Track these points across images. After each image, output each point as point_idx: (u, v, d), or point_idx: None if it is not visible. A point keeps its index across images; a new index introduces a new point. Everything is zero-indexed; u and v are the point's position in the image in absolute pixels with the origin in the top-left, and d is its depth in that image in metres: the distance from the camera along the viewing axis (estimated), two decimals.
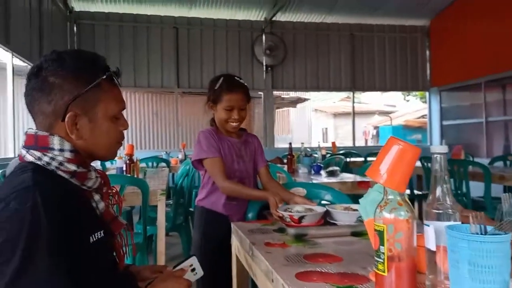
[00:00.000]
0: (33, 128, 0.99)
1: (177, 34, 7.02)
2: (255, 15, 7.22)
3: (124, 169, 3.21)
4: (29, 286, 0.77)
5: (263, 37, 7.22)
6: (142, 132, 8.80)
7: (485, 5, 6.43)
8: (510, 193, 0.80)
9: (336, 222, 1.47)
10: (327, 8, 7.07)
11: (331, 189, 2.04)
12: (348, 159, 5.46)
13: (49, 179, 0.90)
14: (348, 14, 7.32)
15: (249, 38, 7.28)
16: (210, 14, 7.05)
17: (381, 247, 0.81)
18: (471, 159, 5.06)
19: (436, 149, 0.85)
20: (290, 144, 4.18)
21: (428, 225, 0.84)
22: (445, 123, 7.73)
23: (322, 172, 3.82)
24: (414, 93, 15.76)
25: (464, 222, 0.81)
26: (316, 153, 4.67)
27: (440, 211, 0.83)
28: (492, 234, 0.73)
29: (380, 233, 0.82)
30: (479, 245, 0.69)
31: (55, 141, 0.94)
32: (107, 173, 2.09)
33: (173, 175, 5.45)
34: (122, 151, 3.48)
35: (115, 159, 2.60)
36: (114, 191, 1.12)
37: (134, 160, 3.33)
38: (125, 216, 3.51)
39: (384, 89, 8.20)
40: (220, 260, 1.82)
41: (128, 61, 6.74)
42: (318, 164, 3.94)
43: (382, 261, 0.81)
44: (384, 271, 0.81)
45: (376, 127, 17.38)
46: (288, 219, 1.48)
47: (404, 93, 16.67)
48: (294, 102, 13.51)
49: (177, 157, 5.79)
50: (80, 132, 0.97)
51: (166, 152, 6.30)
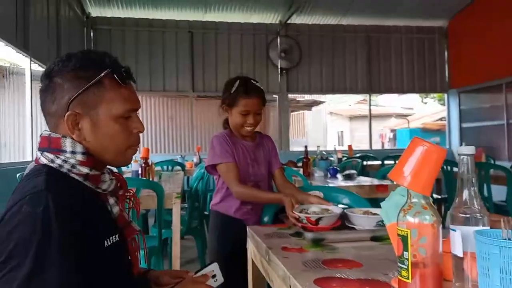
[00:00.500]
0: (48, 130, 0.98)
1: (192, 38, 7.06)
2: (270, 18, 7.21)
3: (139, 172, 3.23)
4: None
5: (278, 40, 7.20)
6: (157, 135, 8.87)
7: (505, 5, 6.28)
8: None
9: (355, 226, 1.43)
10: (342, 10, 7.01)
11: (349, 193, 2.00)
12: (364, 163, 5.39)
13: (62, 182, 0.89)
14: (364, 15, 7.25)
15: (264, 41, 7.27)
16: (225, 18, 7.07)
17: (404, 252, 0.79)
18: (492, 162, 4.95)
19: (463, 150, 0.81)
20: (305, 147, 4.14)
21: (454, 230, 0.80)
22: (464, 125, 7.58)
23: (339, 175, 3.78)
24: (432, 95, 15.53)
25: (492, 227, 0.77)
26: (332, 157, 4.62)
27: (468, 215, 0.80)
28: None
29: (403, 238, 0.79)
30: None
31: (67, 143, 0.93)
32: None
33: (188, 178, 5.46)
34: (138, 155, 3.48)
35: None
36: (131, 194, 1.09)
37: (150, 163, 3.33)
38: (140, 219, 3.52)
39: (402, 91, 8.07)
40: (235, 264, 1.80)
41: (144, 65, 6.79)
42: (335, 167, 3.90)
43: (405, 267, 0.78)
44: (408, 278, 0.78)
45: (393, 130, 17.18)
46: (305, 221, 1.43)
47: (422, 95, 16.44)
48: (309, 105, 13.46)
49: (192, 161, 5.80)
50: (82, 132, 0.94)
51: (181, 156, 6.33)
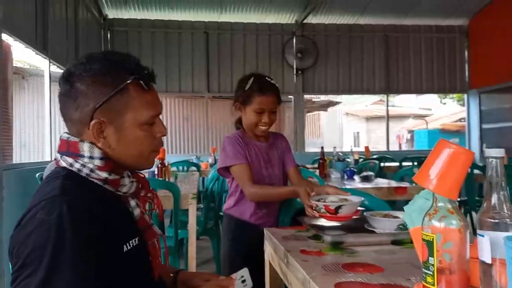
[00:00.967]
0: (67, 132, 0.97)
1: (208, 39, 7.07)
2: (285, 18, 7.17)
3: (156, 172, 3.25)
4: None
5: (294, 40, 7.17)
6: (173, 136, 8.94)
7: None
8: None
9: (375, 229, 1.39)
10: (360, 9, 6.93)
11: (367, 195, 1.96)
12: (382, 164, 5.31)
13: (81, 186, 0.88)
14: (381, 14, 7.15)
15: (280, 41, 7.24)
16: (241, 18, 7.07)
17: (430, 258, 0.76)
18: None
19: (492, 152, 0.78)
20: (322, 148, 4.10)
21: (482, 236, 0.77)
22: (484, 126, 7.41)
23: (356, 177, 3.73)
24: (451, 95, 15.27)
25: None
26: (348, 158, 4.57)
27: (497, 221, 0.76)
28: None
29: (429, 243, 0.77)
30: None
31: (85, 148, 0.91)
32: None
33: (203, 179, 5.47)
34: None
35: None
36: (153, 195, 1.07)
37: (166, 164, 3.35)
38: (156, 219, 3.53)
39: (420, 91, 7.94)
40: (249, 268, 1.77)
41: (160, 66, 6.83)
42: (351, 169, 3.85)
43: (431, 273, 0.76)
44: (433, 284, 0.75)
45: (410, 131, 16.95)
46: (323, 210, 1.35)
47: (441, 95, 16.18)
48: (325, 106, 13.36)
49: (207, 161, 5.81)
50: (108, 140, 0.93)
51: (197, 156, 6.35)
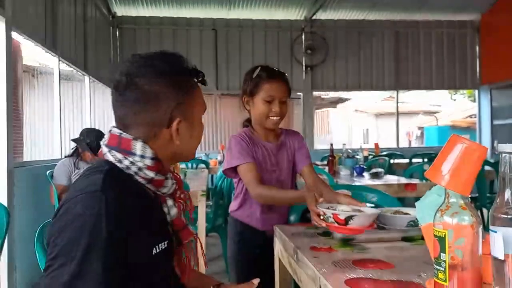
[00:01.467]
0: (116, 127, 0.95)
1: (216, 36, 7.06)
2: (294, 14, 7.14)
3: None
4: None
5: (303, 36, 7.13)
6: None
7: None
8: None
9: (385, 226, 1.39)
10: (369, 4, 6.86)
11: (377, 191, 1.95)
12: (391, 161, 5.28)
13: (122, 184, 0.88)
14: (392, 10, 7.08)
15: (289, 38, 7.20)
16: (249, 15, 7.05)
17: (441, 254, 0.75)
18: None
19: (506, 148, 0.76)
20: (331, 145, 4.08)
21: (495, 232, 0.76)
22: (496, 122, 7.32)
23: (365, 174, 3.72)
24: (461, 91, 15.10)
25: None
26: (358, 155, 4.55)
27: (510, 216, 0.75)
28: None
29: (440, 239, 0.76)
30: None
31: (138, 147, 0.91)
32: None
33: (212, 176, 5.49)
34: None
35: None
36: (186, 196, 1.06)
37: None
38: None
39: (430, 87, 7.86)
40: (255, 272, 1.74)
41: None
42: (361, 165, 3.83)
43: (443, 269, 0.75)
44: (445, 281, 0.75)
45: (420, 128, 16.80)
46: (331, 219, 1.18)
47: (451, 92, 16.00)
48: (334, 102, 13.31)
49: (216, 159, 5.83)
50: (181, 137, 0.97)
51: (206, 154, 6.37)
